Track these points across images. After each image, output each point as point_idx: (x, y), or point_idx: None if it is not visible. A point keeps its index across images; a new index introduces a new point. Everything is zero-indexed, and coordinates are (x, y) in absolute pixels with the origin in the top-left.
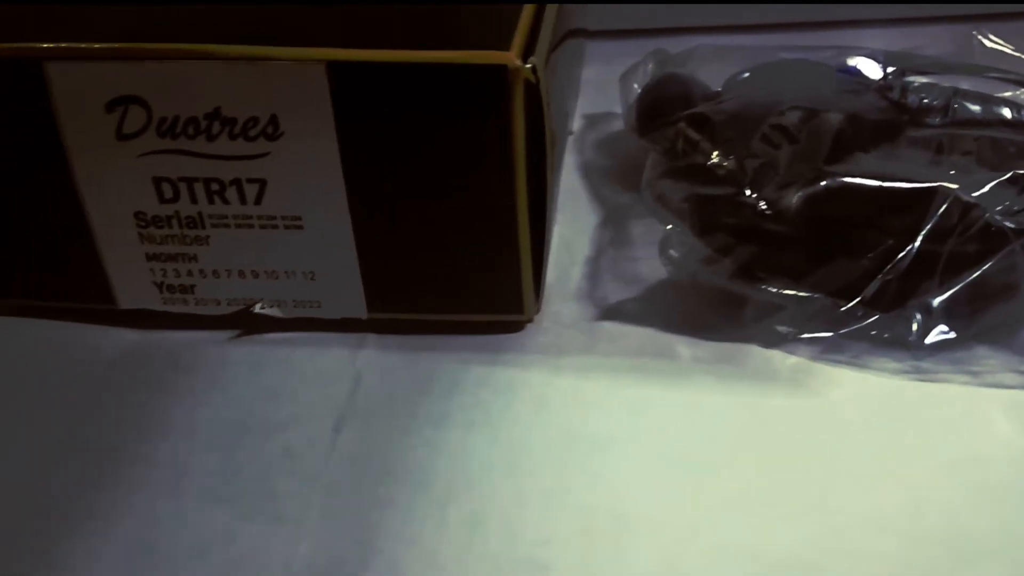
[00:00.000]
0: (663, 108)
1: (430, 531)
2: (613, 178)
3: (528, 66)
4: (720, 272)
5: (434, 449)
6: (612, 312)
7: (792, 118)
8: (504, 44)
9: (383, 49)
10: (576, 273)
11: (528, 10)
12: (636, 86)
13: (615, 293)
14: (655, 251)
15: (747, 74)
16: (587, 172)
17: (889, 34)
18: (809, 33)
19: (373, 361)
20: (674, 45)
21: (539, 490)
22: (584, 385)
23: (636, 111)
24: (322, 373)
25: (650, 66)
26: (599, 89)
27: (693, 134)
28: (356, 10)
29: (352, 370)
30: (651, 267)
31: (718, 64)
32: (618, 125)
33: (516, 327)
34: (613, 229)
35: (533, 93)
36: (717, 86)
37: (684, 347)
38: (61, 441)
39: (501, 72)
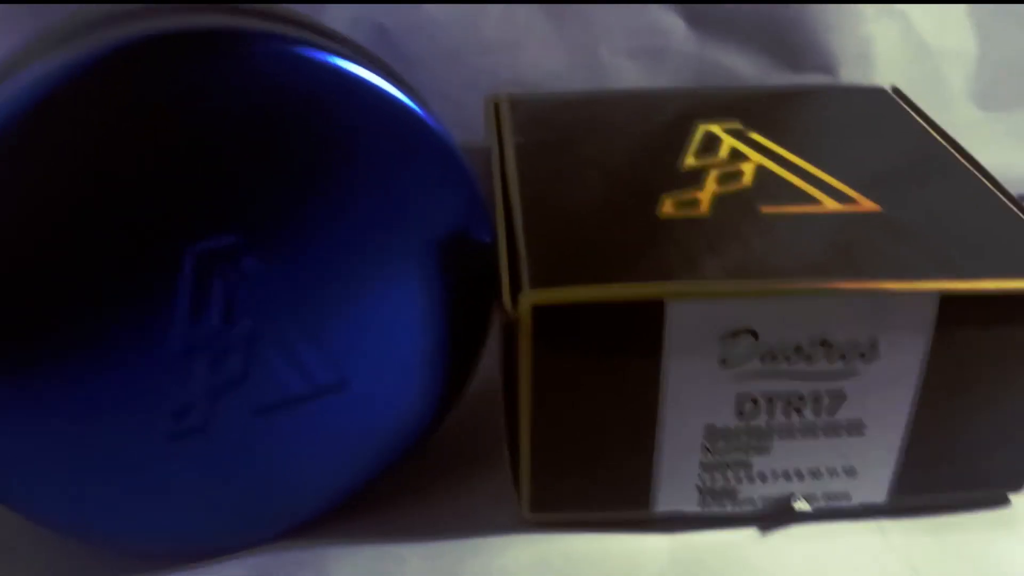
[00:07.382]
0: None
1: None
2: None
3: None
4: None
5: None
6: None
7: None
8: None
9: (984, 278)
10: None
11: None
12: None
13: None
14: None
15: None
16: None
17: None
18: None
19: (908, 546)
20: None
21: None
22: None
23: None
24: (875, 563)
25: None
26: None
27: None
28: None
29: (898, 556)
30: None
31: None
32: None
33: (1001, 500)
34: None
35: None
36: None
37: None
38: None
39: None
